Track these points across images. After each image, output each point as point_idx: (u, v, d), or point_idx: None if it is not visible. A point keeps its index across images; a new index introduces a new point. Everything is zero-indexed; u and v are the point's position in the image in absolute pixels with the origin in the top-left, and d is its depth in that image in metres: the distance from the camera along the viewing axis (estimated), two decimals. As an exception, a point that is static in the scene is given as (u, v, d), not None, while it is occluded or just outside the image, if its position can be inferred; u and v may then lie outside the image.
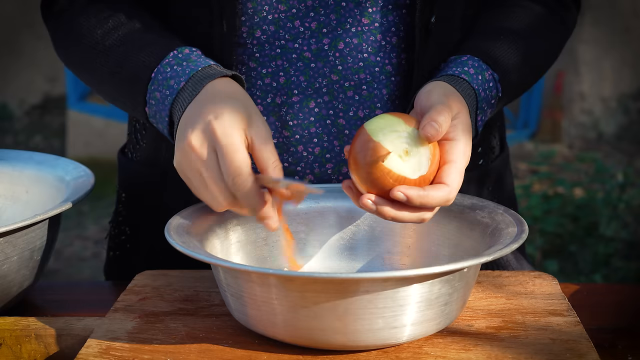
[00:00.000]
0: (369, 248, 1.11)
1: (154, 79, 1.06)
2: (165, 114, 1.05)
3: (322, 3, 1.13)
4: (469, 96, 1.07)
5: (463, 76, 1.08)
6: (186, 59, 1.06)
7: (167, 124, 1.05)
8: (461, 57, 1.11)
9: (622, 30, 4.98)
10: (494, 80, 1.11)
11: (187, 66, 1.05)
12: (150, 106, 1.07)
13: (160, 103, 1.05)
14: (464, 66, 1.10)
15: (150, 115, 1.08)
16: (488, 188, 1.26)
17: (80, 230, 4.13)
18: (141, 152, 1.26)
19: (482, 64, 1.11)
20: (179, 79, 1.04)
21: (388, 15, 1.14)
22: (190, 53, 1.08)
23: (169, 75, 1.05)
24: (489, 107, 1.11)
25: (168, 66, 1.06)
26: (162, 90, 1.05)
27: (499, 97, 1.13)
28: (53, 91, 5.84)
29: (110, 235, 1.33)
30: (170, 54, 1.07)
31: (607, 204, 3.78)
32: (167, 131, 1.06)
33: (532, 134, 5.06)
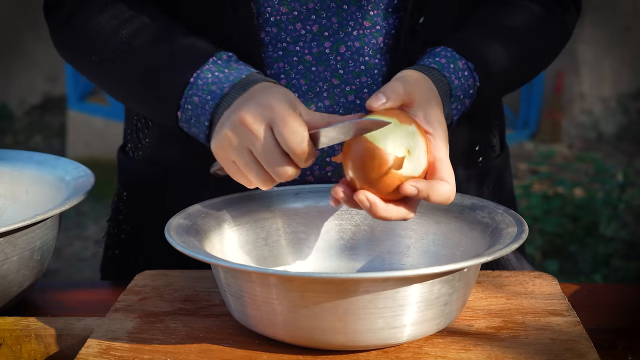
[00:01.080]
0: (369, 248, 1.11)
1: (192, 83, 1.06)
2: (205, 119, 1.04)
3: (324, 6, 1.13)
4: (441, 83, 1.07)
5: (433, 65, 1.08)
6: (227, 66, 1.06)
7: (206, 128, 1.05)
8: (435, 49, 1.12)
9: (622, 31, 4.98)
10: (469, 69, 1.11)
11: (229, 73, 1.05)
12: (185, 111, 1.06)
13: (200, 107, 1.05)
14: (436, 56, 1.10)
15: (182, 119, 1.07)
16: (488, 187, 1.26)
17: (80, 230, 4.13)
18: (143, 150, 1.26)
19: (455, 53, 1.11)
20: (222, 85, 1.04)
21: (389, 18, 1.14)
22: (229, 59, 1.07)
23: (210, 81, 1.05)
24: (466, 97, 1.11)
25: (209, 72, 1.06)
26: (201, 95, 1.05)
27: (478, 86, 1.12)
28: (53, 91, 5.84)
29: (109, 234, 1.33)
30: (210, 60, 1.07)
31: (607, 204, 3.78)
32: (204, 135, 1.06)
33: (532, 134, 5.06)
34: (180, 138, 1.14)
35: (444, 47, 1.11)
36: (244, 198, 1.11)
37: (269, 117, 0.97)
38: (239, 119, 0.98)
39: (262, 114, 0.97)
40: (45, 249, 1.12)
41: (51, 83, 5.83)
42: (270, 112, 0.97)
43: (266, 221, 1.10)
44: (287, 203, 1.12)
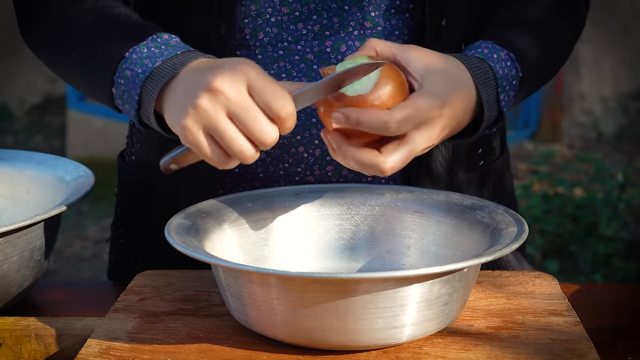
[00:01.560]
0: (369, 248, 1.11)
1: (127, 57, 1.03)
2: (135, 93, 1.01)
3: (325, 6, 1.13)
4: (483, 71, 1.05)
5: (477, 55, 1.07)
6: (165, 43, 1.04)
7: (135, 103, 1.02)
8: (474, 44, 1.11)
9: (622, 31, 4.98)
10: (511, 59, 1.09)
11: (165, 49, 1.03)
12: (119, 85, 1.04)
13: (131, 82, 1.02)
14: (478, 48, 1.09)
15: (116, 96, 1.05)
16: (488, 189, 1.26)
17: (80, 230, 4.13)
18: (137, 155, 1.26)
19: (495, 45, 1.09)
20: (155, 59, 1.01)
21: (391, 19, 1.14)
22: (170, 39, 1.05)
23: (144, 55, 1.02)
24: (511, 89, 1.09)
25: (145, 47, 1.03)
26: (133, 69, 1.02)
27: (520, 77, 1.10)
28: (53, 91, 5.84)
29: (110, 239, 1.33)
30: (149, 37, 1.05)
31: (607, 204, 3.78)
32: (135, 112, 1.02)
33: (532, 134, 5.06)
34: (162, 142, 1.13)
35: (483, 40, 1.10)
36: (244, 198, 1.11)
37: (245, 79, 0.92)
38: (212, 85, 0.92)
39: (237, 79, 0.92)
40: (45, 249, 1.12)
41: (51, 83, 5.82)
42: (246, 75, 0.92)
43: (266, 221, 1.10)
44: (287, 203, 1.12)
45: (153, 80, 1.00)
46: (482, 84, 1.04)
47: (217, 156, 0.94)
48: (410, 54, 1.00)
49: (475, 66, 1.05)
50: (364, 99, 0.95)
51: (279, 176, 1.16)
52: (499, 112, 1.08)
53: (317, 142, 1.15)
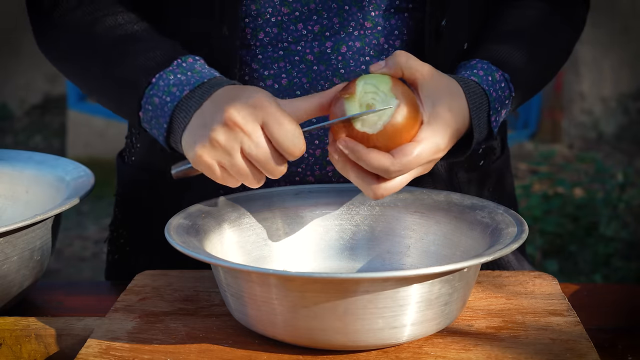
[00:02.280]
0: (369, 248, 1.11)
1: (154, 84, 1.05)
2: (164, 121, 1.04)
3: (325, 6, 1.13)
4: (480, 96, 1.06)
5: (472, 78, 1.08)
6: (190, 69, 1.05)
7: (164, 130, 1.04)
8: (470, 62, 1.11)
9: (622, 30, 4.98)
10: (505, 80, 1.11)
11: (191, 76, 1.04)
12: (146, 111, 1.06)
13: (159, 109, 1.04)
14: (473, 69, 1.10)
15: (144, 120, 1.07)
16: (489, 189, 1.26)
17: (80, 230, 4.13)
18: (136, 155, 1.26)
19: (491, 65, 1.10)
20: (182, 87, 1.03)
21: (390, 19, 1.14)
22: (194, 62, 1.07)
23: (171, 83, 1.04)
24: (502, 107, 1.11)
25: (171, 74, 1.05)
26: (161, 97, 1.04)
27: (512, 96, 1.12)
28: (53, 91, 5.84)
29: (109, 239, 1.33)
30: (174, 62, 1.06)
31: (607, 204, 3.78)
32: (163, 138, 1.05)
33: (532, 134, 5.06)
34: None
35: (479, 59, 1.11)
36: (244, 198, 1.11)
37: (261, 116, 0.96)
38: (228, 118, 0.96)
39: (253, 113, 0.96)
40: (45, 249, 1.12)
41: (51, 83, 5.82)
42: (261, 111, 0.96)
43: (266, 221, 1.10)
44: (287, 203, 1.12)
45: (182, 110, 1.02)
46: (475, 109, 1.06)
47: (227, 181, 0.99)
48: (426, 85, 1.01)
49: (472, 91, 1.06)
50: (369, 138, 0.96)
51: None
52: (489, 131, 1.09)
53: (317, 142, 1.15)
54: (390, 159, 0.96)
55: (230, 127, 0.96)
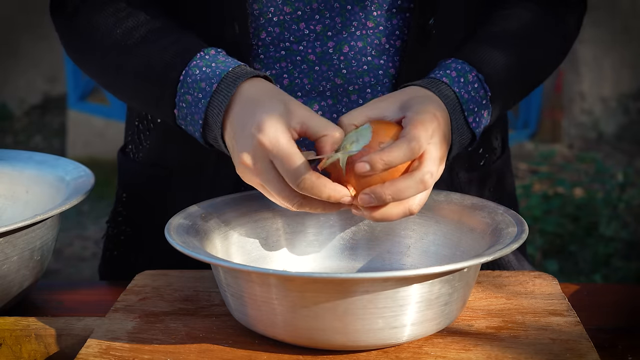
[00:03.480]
0: (369, 248, 1.11)
1: (182, 81, 1.05)
2: (199, 117, 1.04)
3: (327, 6, 1.13)
4: (449, 98, 1.06)
5: (444, 79, 1.08)
6: (214, 60, 1.06)
7: (200, 126, 1.04)
8: (446, 60, 1.11)
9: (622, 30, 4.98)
10: (479, 80, 1.10)
11: (216, 67, 1.04)
12: (181, 109, 1.06)
13: (193, 106, 1.04)
14: (447, 69, 1.09)
15: (179, 117, 1.07)
16: (489, 189, 1.26)
17: (80, 230, 4.13)
18: (144, 152, 1.26)
19: (465, 65, 1.10)
20: (211, 81, 1.03)
21: (392, 19, 1.14)
22: (217, 54, 1.07)
23: (198, 78, 1.04)
24: (481, 108, 1.10)
25: (197, 68, 1.05)
26: (193, 94, 1.04)
27: (490, 96, 1.11)
28: (53, 91, 5.84)
29: (108, 235, 1.33)
30: (197, 55, 1.06)
31: (607, 204, 3.78)
32: (200, 134, 1.05)
33: (532, 134, 5.06)
34: (179, 140, 1.14)
35: (455, 59, 1.11)
36: (244, 198, 1.11)
37: (266, 155, 0.96)
38: (240, 161, 0.98)
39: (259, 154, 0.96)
40: (45, 249, 1.12)
41: (51, 83, 5.83)
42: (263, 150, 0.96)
43: (266, 221, 1.10)
44: (287, 203, 1.11)
45: (214, 107, 1.03)
46: (451, 111, 1.06)
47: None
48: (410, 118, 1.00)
49: (444, 95, 1.06)
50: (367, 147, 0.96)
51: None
52: (471, 134, 1.09)
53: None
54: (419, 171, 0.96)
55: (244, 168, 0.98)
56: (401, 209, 0.97)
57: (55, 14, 1.20)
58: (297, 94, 1.13)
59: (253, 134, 0.97)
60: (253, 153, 0.97)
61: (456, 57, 1.11)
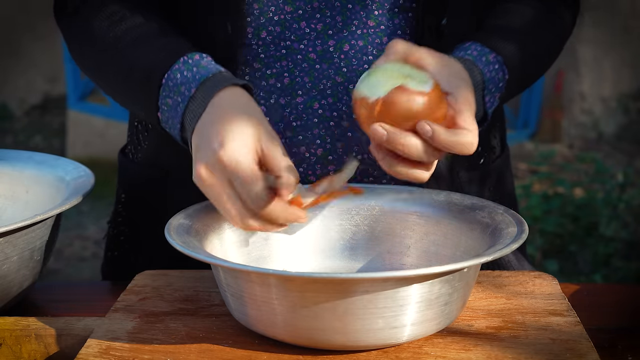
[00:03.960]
0: (369, 248, 1.11)
1: (164, 85, 1.05)
2: (177, 121, 1.04)
3: (328, 5, 1.13)
4: (475, 76, 1.06)
5: (467, 57, 1.08)
6: (196, 65, 1.05)
7: (179, 131, 1.04)
8: (464, 44, 1.11)
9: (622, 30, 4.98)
10: (499, 62, 1.10)
11: (197, 72, 1.04)
12: (163, 112, 1.06)
13: (173, 110, 1.05)
14: (467, 50, 1.10)
15: (162, 120, 1.07)
16: (489, 188, 1.26)
17: (80, 230, 4.13)
18: (143, 153, 1.26)
19: (484, 47, 1.10)
20: (190, 85, 1.03)
21: (394, 18, 1.14)
22: (201, 59, 1.06)
23: (179, 82, 1.04)
24: (496, 90, 1.10)
25: (178, 72, 1.05)
26: (173, 97, 1.04)
27: (506, 79, 1.11)
28: (53, 91, 5.84)
29: (108, 236, 1.33)
30: (180, 59, 1.06)
31: (607, 204, 3.78)
32: (180, 137, 1.05)
33: (532, 134, 5.06)
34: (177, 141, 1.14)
35: (473, 41, 1.11)
36: (244, 198, 1.11)
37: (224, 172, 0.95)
38: (197, 174, 0.96)
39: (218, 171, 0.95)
40: (46, 249, 1.12)
41: (51, 83, 5.83)
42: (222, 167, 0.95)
43: (266, 221, 1.10)
44: (287, 203, 1.11)
45: (190, 112, 1.02)
46: (477, 92, 1.05)
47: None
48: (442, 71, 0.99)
49: (470, 70, 1.05)
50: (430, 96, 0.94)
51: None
52: (483, 113, 1.09)
53: (318, 142, 1.15)
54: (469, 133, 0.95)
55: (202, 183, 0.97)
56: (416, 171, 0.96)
57: (58, 15, 1.20)
58: (297, 93, 1.13)
59: (214, 149, 0.95)
60: (211, 167, 0.95)
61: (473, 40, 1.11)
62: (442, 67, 0.98)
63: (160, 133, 1.21)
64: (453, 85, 0.98)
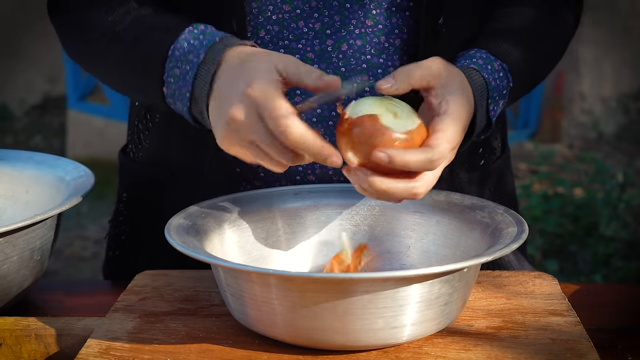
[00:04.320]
0: (368, 248, 1.11)
1: (170, 56, 1.04)
2: (186, 90, 1.02)
3: (326, 4, 1.13)
4: (479, 84, 1.06)
5: (472, 66, 1.08)
6: (202, 33, 1.04)
7: (187, 100, 1.03)
8: (469, 51, 1.11)
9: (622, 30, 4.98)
10: (504, 70, 1.10)
11: (204, 39, 1.03)
12: (169, 85, 1.05)
13: (181, 79, 1.03)
14: (472, 58, 1.09)
15: (167, 95, 1.05)
16: (490, 189, 1.26)
17: (80, 230, 4.13)
18: (144, 152, 1.26)
19: (489, 55, 1.10)
20: (198, 52, 1.02)
21: (392, 17, 1.14)
22: (206, 28, 1.05)
23: (186, 50, 1.03)
24: (500, 98, 1.10)
25: (185, 41, 1.04)
26: (181, 67, 1.03)
27: (510, 87, 1.12)
28: (53, 91, 5.84)
29: (109, 235, 1.33)
30: (186, 29, 1.05)
31: (607, 204, 3.78)
32: (187, 108, 1.03)
33: (532, 134, 5.06)
34: (178, 140, 1.14)
35: (478, 49, 1.11)
36: (243, 198, 1.11)
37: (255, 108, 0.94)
38: (230, 118, 0.96)
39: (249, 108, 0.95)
40: (45, 249, 1.12)
41: (51, 83, 5.83)
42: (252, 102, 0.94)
43: (266, 221, 1.10)
44: (287, 203, 1.12)
45: (200, 78, 1.01)
46: (478, 98, 1.05)
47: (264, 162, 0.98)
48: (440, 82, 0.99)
49: (474, 80, 1.06)
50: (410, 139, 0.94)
51: (280, 176, 1.16)
52: (487, 121, 1.09)
53: (318, 142, 1.14)
54: (429, 150, 0.94)
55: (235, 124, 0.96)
56: (405, 186, 0.95)
57: (52, 12, 1.20)
58: (296, 92, 1.13)
59: (242, 89, 0.95)
60: (242, 106, 0.95)
61: (478, 47, 1.11)
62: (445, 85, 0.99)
63: (162, 132, 1.21)
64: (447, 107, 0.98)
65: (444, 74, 1.00)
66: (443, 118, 0.97)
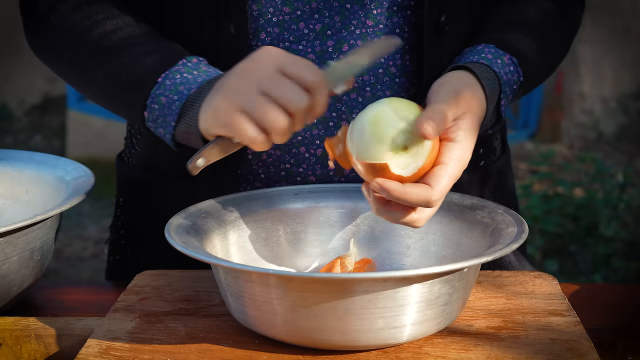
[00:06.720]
0: (369, 248, 1.11)
1: (160, 83, 1.05)
2: (171, 119, 1.04)
3: (327, 5, 1.13)
4: (491, 80, 1.06)
5: (482, 61, 1.07)
6: (196, 68, 1.06)
7: (172, 128, 1.04)
8: (476, 47, 1.11)
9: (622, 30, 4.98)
10: (514, 64, 1.10)
11: (198, 75, 1.05)
12: (152, 110, 1.06)
13: (166, 107, 1.04)
14: (481, 53, 1.09)
15: (149, 119, 1.07)
16: (490, 189, 1.26)
17: (80, 230, 4.13)
18: (137, 156, 1.26)
19: (498, 49, 1.10)
20: (190, 85, 1.03)
21: (393, 17, 1.14)
22: (199, 62, 1.07)
23: (178, 82, 1.04)
24: (511, 93, 1.10)
25: (178, 73, 1.05)
26: (168, 95, 1.04)
27: (521, 82, 1.11)
28: (53, 91, 5.84)
29: (110, 241, 1.33)
30: (180, 62, 1.06)
31: (607, 204, 3.78)
32: (170, 136, 1.05)
33: (532, 134, 5.06)
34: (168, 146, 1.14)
35: (485, 44, 1.11)
36: (244, 198, 1.11)
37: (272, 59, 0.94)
38: (240, 68, 0.95)
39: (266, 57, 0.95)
40: (45, 249, 1.12)
41: (51, 83, 5.82)
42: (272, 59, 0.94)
43: (266, 221, 1.10)
44: (287, 203, 1.12)
45: (190, 107, 1.02)
46: (489, 96, 1.05)
47: (251, 131, 0.94)
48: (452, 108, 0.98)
49: (484, 77, 1.05)
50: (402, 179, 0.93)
51: (280, 177, 1.16)
52: (497, 115, 1.09)
53: (318, 142, 1.15)
54: (429, 189, 0.93)
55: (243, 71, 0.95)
56: (406, 217, 0.95)
57: (26, 12, 1.19)
58: None
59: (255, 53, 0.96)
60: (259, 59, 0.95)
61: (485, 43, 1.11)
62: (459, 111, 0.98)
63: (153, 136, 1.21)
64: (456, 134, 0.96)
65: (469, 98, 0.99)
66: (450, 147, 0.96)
